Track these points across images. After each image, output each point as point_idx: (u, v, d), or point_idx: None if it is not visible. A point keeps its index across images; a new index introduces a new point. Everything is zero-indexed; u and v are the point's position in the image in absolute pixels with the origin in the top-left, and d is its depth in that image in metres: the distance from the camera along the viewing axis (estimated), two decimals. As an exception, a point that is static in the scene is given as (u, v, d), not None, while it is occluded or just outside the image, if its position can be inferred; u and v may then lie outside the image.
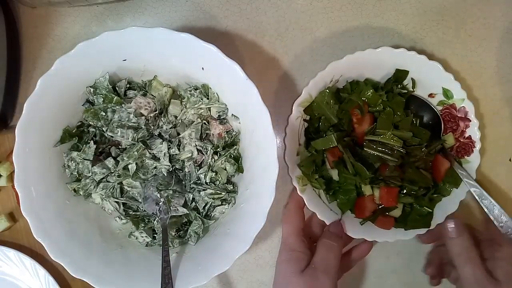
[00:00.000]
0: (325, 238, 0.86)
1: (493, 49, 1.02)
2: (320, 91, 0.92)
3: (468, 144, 0.94)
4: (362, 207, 0.93)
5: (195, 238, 0.90)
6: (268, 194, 0.79)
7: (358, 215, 0.94)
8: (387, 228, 0.93)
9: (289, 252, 0.85)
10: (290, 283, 0.81)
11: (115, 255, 0.86)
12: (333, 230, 0.88)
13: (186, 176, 0.92)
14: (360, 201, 0.93)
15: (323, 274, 0.81)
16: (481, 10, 1.01)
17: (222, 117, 0.92)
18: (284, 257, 0.85)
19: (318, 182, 0.92)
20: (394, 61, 0.93)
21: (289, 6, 1.01)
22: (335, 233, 0.88)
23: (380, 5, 1.01)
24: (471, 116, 0.93)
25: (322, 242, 0.86)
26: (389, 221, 0.93)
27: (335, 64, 0.90)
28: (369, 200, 0.93)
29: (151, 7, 1.00)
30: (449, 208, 0.93)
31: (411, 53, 0.91)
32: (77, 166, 0.88)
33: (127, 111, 0.88)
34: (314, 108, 0.93)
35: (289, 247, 0.86)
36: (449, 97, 0.93)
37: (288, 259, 0.84)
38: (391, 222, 0.93)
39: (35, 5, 0.98)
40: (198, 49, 0.80)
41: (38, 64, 1.00)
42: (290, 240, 0.87)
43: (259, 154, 0.83)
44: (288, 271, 0.83)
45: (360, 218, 0.94)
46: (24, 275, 0.97)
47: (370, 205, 0.93)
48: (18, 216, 1.00)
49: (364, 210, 0.93)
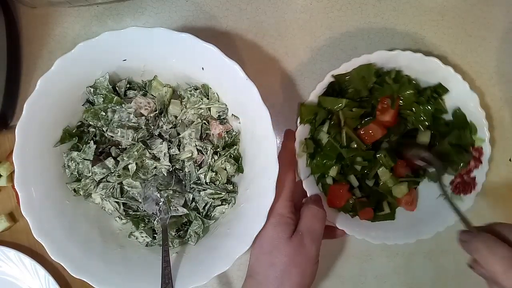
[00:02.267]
0: (310, 205, 0.85)
1: (493, 49, 1.02)
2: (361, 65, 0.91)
3: (469, 184, 0.92)
4: (336, 194, 0.92)
5: (195, 238, 0.90)
6: (268, 194, 0.78)
7: (331, 204, 0.92)
8: (368, 217, 0.94)
9: (277, 216, 0.82)
10: (276, 249, 0.79)
11: (115, 255, 0.86)
12: (315, 198, 0.88)
13: (186, 176, 0.92)
14: (334, 188, 0.93)
15: (310, 241, 0.80)
16: (481, 10, 1.01)
17: (222, 117, 0.92)
18: (272, 221, 0.81)
19: (307, 144, 0.91)
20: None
21: (289, 6, 1.01)
22: (317, 200, 0.88)
23: (380, 5, 1.01)
24: (484, 160, 0.91)
25: (308, 208, 0.84)
26: (368, 211, 0.94)
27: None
28: (343, 188, 0.93)
29: (151, 7, 1.01)
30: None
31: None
32: (77, 166, 0.87)
33: (127, 111, 0.88)
34: (348, 79, 0.92)
35: (277, 211, 0.82)
36: (472, 132, 0.93)
37: (275, 224, 0.81)
38: (370, 213, 0.94)
39: (35, 5, 0.98)
40: (198, 49, 0.80)
41: (38, 64, 1.00)
42: (280, 204, 0.83)
43: (259, 154, 0.83)
44: (275, 236, 0.80)
45: (333, 207, 0.93)
46: (24, 275, 0.98)
47: (344, 194, 0.92)
48: (18, 216, 1.00)
49: (337, 198, 0.92)
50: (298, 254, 0.79)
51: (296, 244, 0.79)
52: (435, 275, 1.04)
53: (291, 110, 1.01)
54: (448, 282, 1.04)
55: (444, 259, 1.03)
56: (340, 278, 1.04)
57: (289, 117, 1.01)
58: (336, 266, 1.04)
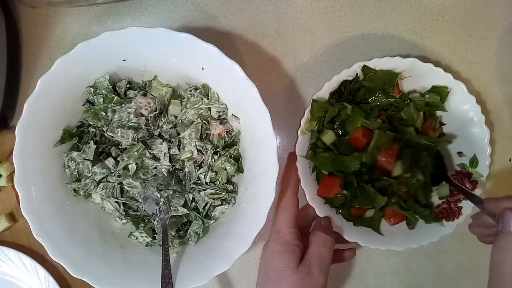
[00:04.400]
0: (319, 231, 0.84)
1: (493, 49, 1.02)
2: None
3: (454, 212, 0.92)
4: (328, 185, 0.92)
5: (195, 238, 0.90)
6: (268, 194, 0.78)
7: (320, 192, 0.91)
8: (361, 213, 0.94)
9: (283, 245, 0.81)
10: (284, 278, 0.78)
11: (115, 255, 0.86)
12: (324, 224, 0.87)
13: (186, 176, 0.92)
14: (327, 179, 0.93)
15: (318, 271, 0.79)
16: (481, 10, 1.01)
17: (222, 117, 0.92)
18: (278, 249, 0.81)
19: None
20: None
21: (289, 6, 1.01)
22: (326, 226, 0.87)
23: (380, 5, 1.01)
24: (476, 193, 0.92)
25: (316, 236, 0.83)
26: (361, 210, 0.94)
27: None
28: (336, 181, 0.92)
29: (151, 7, 1.01)
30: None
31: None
32: (77, 166, 0.88)
33: (127, 111, 0.88)
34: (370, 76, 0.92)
35: (283, 239, 0.82)
36: (473, 165, 0.93)
37: (282, 252, 0.81)
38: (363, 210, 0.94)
39: (35, 5, 0.98)
40: (198, 49, 0.80)
41: (38, 64, 1.00)
42: (285, 231, 0.83)
43: (259, 154, 0.83)
44: (281, 264, 0.79)
45: (322, 196, 0.92)
46: (24, 275, 0.98)
47: (336, 187, 0.92)
48: (18, 216, 1.00)
49: (328, 189, 0.92)
50: (305, 283, 0.78)
51: (303, 274, 0.79)
52: (435, 275, 1.04)
53: (291, 110, 1.01)
54: (448, 282, 1.04)
55: (444, 259, 1.04)
56: (340, 278, 1.04)
57: (289, 117, 1.01)
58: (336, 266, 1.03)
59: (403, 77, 0.93)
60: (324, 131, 0.92)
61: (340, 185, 0.92)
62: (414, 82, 0.94)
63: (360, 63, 0.88)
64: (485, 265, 1.02)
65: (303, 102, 1.02)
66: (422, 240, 0.91)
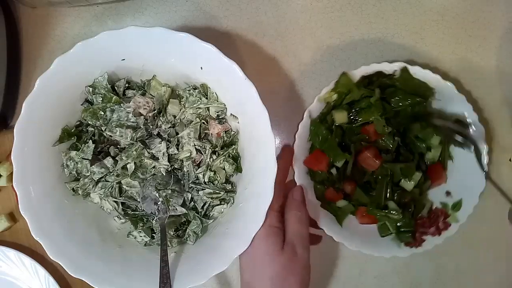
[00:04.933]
0: (292, 209, 0.85)
1: (493, 49, 1.01)
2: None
3: (417, 240, 0.94)
4: (317, 159, 0.92)
5: (193, 237, 0.90)
6: (266, 194, 0.79)
7: (306, 162, 0.91)
8: (334, 199, 0.93)
9: (266, 228, 0.82)
10: (272, 261, 0.79)
11: (114, 255, 0.86)
12: (297, 197, 0.87)
13: (184, 175, 0.92)
14: (318, 153, 0.92)
15: (301, 248, 0.80)
16: (481, 10, 1.01)
17: (221, 116, 0.92)
18: (262, 233, 0.81)
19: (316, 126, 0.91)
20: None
21: (289, 6, 1.01)
22: (298, 200, 0.87)
23: (380, 5, 1.01)
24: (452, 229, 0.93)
25: (291, 214, 0.84)
26: (339, 195, 0.93)
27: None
28: (325, 160, 0.92)
29: (151, 7, 1.01)
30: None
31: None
32: (75, 165, 0.88)
33: (126, 110, 0.88)
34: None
35: (266, 223, 0.82)
36: (455, 208, 0.94)
37: (267, 235, 0.81)
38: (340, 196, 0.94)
39: (35, 5, 0.98)
40: (197, 49, 0.80)
41: (38, 64, 1.01)
42: (268, 214, 0.83)
43: (257, 154, 0.83)
44: (267, 249, 0.80)
45: (307, 165, 0.92)
46: (24, 275, 0.98)
47: (323, 165, 0.92)
48: (18, 216, 1.00)
49: (316, 162, 0.92)
50: (293, 262, 0.79)
51: (290, 254, 0.80)
52: (435, 275, 1.04)
53: (291, 110, 1.01)
54: (448, 282, 1.04)
55: (444, 259, 1.03)
56: (340, 278, 1.04)
57: (289, 117, 1.01)
58: (336, 266, 1.04)
59: (433, 98, 0.94)
60: (340, 109, 0.92)
61: (327, 164, 0.92)
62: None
63: (402, 64, 0.89)
64: (485, 265, 1.03)
65: (303, 102, 1.02)
66: (375, 250, 0.92)
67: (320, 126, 0.90)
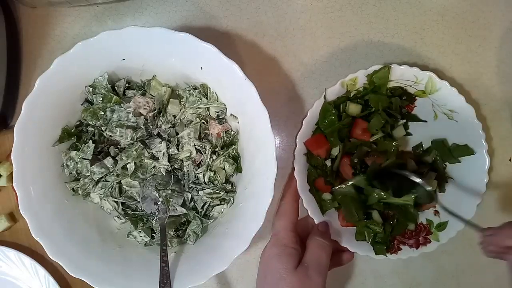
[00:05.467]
0: (316, 236, 0.85)
1: (493, 49, 1.01)
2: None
3: (394, 247, 0.94)
4: (318, 142, 0.92)
5: (193, 237, 0.90)
6: (266, 194, 0.79)
7: (307, 143, 0.91)
8: (323, 189, 0.93)
9: (281, 248, 0.82)
10: (282, 280, 0.78)
11: (114, 255, 0.86)
12: (322, 229, 0.87)
13: (184, 175, 0.92)
14: (320, 137, 0.92)
15: (316, 273, 0.79)
16: (481, 10, 1.01)
17: (220, 116, 0.92)
18: (276, 252, 0.82)
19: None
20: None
21: (289, 6, 1.01)
22: (324, 231, 0.87)
23: (380, 5, 1.01)
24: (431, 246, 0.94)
25: (314, 240, 0.84)
26: (326, 188, 0.93)
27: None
28: (325, 145, 0.92)
29: (151, 7, 1.01)
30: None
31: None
32: (75, 165, 0.88)
33: (126, 110, 0.88)
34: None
35: (281, 242, 0.83)
36: (439, 228, 0.94)
37: (280, 254, 0.81)
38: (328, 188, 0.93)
39: (35, 5, 0.98)
40: (197, 49, 0.80)
41: (38, 64, 1.01)
42: (283, 234, 0.84)
43: (257, 154, 0.83)
44: (280, 267, 0.79)
45: (307, 146, 0.91)
46: (24, 275, 0.98)
47: (321, 150, 0.91)
48: (18, 216, 1.00)
49: (315, 144, 0.91)
50: (304, 285, 0.78)
51: (301, 276, 0.78)
52: (435, 275, 1.04)
53: (291, 110, 1.01)
54: (448, 282, 1.04)
55: (444, 259, 1.03)
56: (340, 278, 1.04)
57: (289, 117, 1.01)
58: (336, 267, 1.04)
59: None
60: (357, 102, 0.92)
61: (326, 151, 0.92)
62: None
63: (431, 73, 0.90)
64: (485, 265, 1.03)
65: (303, 102, 1.02)
66: (352, 246, 0.92)
67: (331, 110, 0.90)
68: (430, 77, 0.90)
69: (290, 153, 1.00)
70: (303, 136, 0.89)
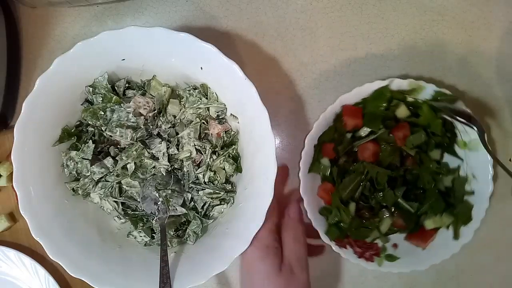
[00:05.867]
0: (289, 229, 0.84)
1: (493, 49, 1.01)
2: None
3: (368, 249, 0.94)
4: (356, 113, 0.92)
5: (193, 237, 0.90)
6: (266, 194, 0.79)
7: (346, 109, 0.91)
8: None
9: (263, 250, 0.81)
10: (270, 283, 0.78)
11: (114, 255, 0.86)
12: (293, 216, 0.87)
13: (184, 175, 0.92)
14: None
15: (299, 269, 0.80)
16: (481, 10, 1.01)
17: (221, 116, 0.92)
18: (258, 255, 0.81)
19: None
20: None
21: (289, 6, 1.01)
22: (295, 218, 0.86)
23: (380, 5, 1.01)
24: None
25: (287, 234, 0.84)
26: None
27: (342, 98, 0.90)
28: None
29: (151, 7, 1.01)
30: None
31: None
32: (75, 165, 0.88)
33: (126, 110, 0.88)
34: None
35: (263, 243, 0.81)
36: (386, 258, 0.94)
37: (263, 257, 0.80)
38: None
39: (35, 5, 0.98)
40: (197, 49, 0.80)
41: (38, 64, 1.01)
42: (263, 234, 0.82)
43: (257, 154, 0.83)
44: (265, 269, 0.79)
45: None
46: (24, 275, 0.98)
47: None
48: (18, 216, 1.00)
49: (354, 115, 0.92)
50: (291, 284, 0.79)
51: (287, 275, 0.79)
52: (435, 275, 1.04)
53: (291, 110, 1.01)
54: (448, 282, 1.04)
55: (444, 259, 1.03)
56: (340, 278, 1.04)
57: (289, 117, 1.01)
58: (336, 266, 1.04)
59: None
60: (403, 105, 0.93)
61: (355, 125, 0.93)
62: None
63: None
64: (485, 265, 1.02)
65: (303, 102, 1.02)
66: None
67: (387, 95, 0.91)
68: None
69: (290, 153, 1.00)
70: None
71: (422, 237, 0.93)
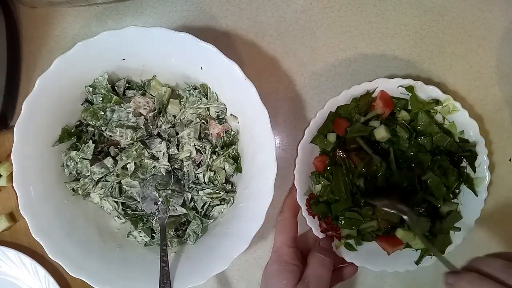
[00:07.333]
0: (317, 252, 0.85)
1: (493, 49, 1.01)
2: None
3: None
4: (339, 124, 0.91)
5: (193, 237, 0.90)
6: (266, 194, 0.79)
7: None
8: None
9: (282, 264, 0.83)
10: None
11: (114, 255, 0.87)
12: (324, 246, 0.87)
13: (184, 175, 0.92)
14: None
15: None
16: (481, 10, 1.01)
17: (220, 116, 0.92)
18: (277, 269, 0.83)
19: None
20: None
21: (289, 6, 1.01)
22: (325, 248, 0.87)
23: (380, 5, 1.01)
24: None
25: (315, 256, 0.84)
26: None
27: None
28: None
29: (151, 7, 1.01)
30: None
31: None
32: (75, 165, 0.88)
33: (126, 110, 0.88)
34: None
35: (282, 259, 0.84)
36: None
37: (281, 271, 0.82)
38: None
39: (35, 5, 0.98)
40: (197, 49, 0.80)
41: (38, 64, 1.01)
42: (284, 251, 0.85)
43: (257, 154, 0.83)
44: (280, 284, 0.80)
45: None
46: (24, 275, 0.98)
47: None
48: (18, 216, 1.00)
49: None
50: None
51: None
52: (435, 276, 1.03)
53: (291, 110, 1.01)
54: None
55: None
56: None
57: (289, 117, 1.01)
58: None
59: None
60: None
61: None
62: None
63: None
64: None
65: (303, 102, 1.02)
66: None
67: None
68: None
69: (290, 153, 1.00)
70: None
71: (391, 243, 0.92)
